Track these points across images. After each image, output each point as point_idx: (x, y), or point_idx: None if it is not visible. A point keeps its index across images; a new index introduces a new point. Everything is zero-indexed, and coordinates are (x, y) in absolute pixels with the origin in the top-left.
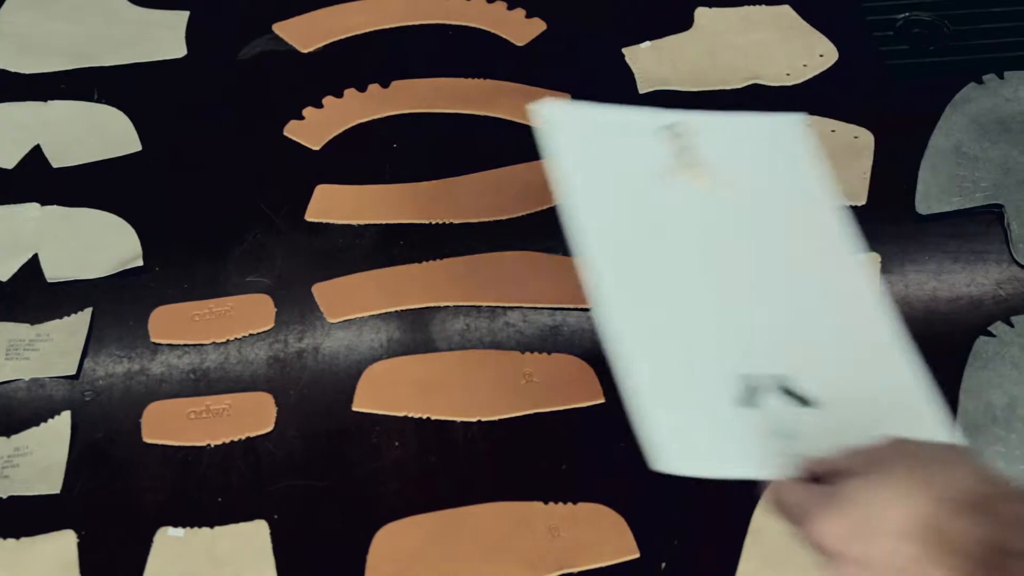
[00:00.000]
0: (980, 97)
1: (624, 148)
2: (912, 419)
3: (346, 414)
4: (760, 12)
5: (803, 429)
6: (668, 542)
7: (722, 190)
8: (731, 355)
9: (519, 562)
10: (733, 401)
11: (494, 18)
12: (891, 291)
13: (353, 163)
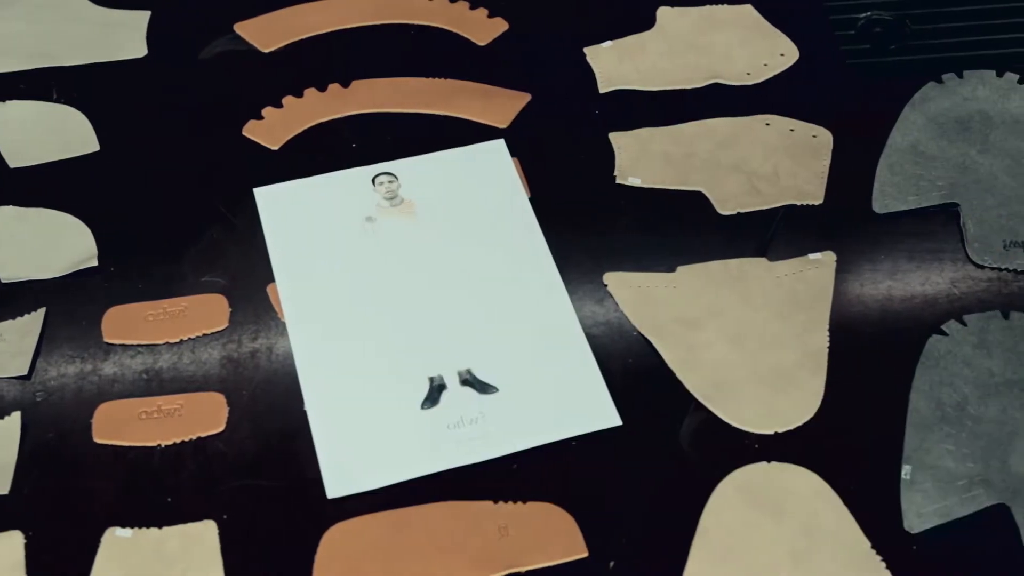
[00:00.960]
0: (939, 96)
1: (336, 205)
2: (582, 403)
3: (298, 414)
4: (722, 12)
5: (486, 413)
6: (617, 541)
7: (428, 219)
8: (420, 361)
9: (467, 561)
10: (420, 403)
11: (456, 18)
12: (846, 290)
13: (312, 163)
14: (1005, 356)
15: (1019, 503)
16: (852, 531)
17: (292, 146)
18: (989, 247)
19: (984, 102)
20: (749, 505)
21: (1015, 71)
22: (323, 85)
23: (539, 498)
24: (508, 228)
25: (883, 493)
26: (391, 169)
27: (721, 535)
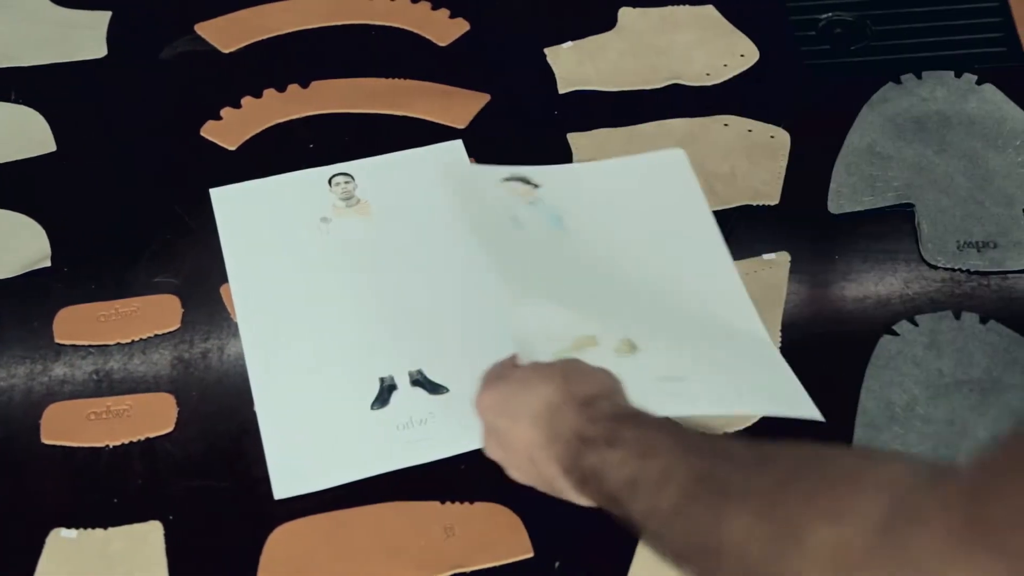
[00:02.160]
0: (897, 97)
1: (292, 205)
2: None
3: (247, 414)
4: (683, 12)
5: (436, 413)
6: (562, 541)
7: (384, 220)
8: (371, 362)
9: (413, 562)
10: (370, 404)
11: (417, 18)
12: (800, 290)
13: (269, 164)
14: (955, 356)
15: None
16: None
17: (250, 147)
18: (943, 247)
19: (942, 103)
20: None
21: (974, 72)
22: (283, 86)
23: (487, 499)
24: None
25: None
26: (347, 170)
27: None
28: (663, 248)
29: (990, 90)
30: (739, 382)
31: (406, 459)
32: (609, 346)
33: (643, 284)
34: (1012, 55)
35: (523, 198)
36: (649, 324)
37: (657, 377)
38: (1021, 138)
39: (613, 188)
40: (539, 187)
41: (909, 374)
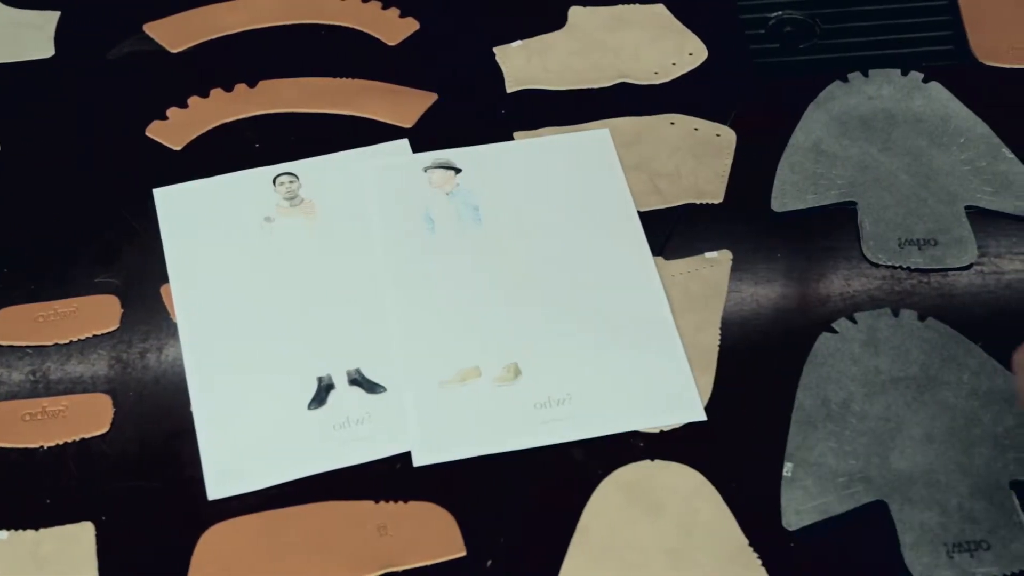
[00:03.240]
0: (844, 95)
1: (235, 205)
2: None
3: (184, 415)
4: (633, 11)
5: (373, 413)
6: (495, 540)
7: (327, 219)
8: (310, 361)
9: (344, 561)
10: (307, 404)
11: (367, 17)
12: (742, 288)
13: (215, 164)
14: (892, 354)
15: (897, 500)
16: (730, 528)
17: (196, 146)
18: (884, 245)
19: (888, 100)
20: (629, 503)
21: (921, 71)
22: (230, 85)
23: (421, 498)
24: (410, 229)
25: (766, 490)
26: (292, 169)
27: (600, 533)
28: (577, 232)
29: (936, 88)
30: (632, 393)
31: (342, 459)
32: (491, 375)
33: (551, 277)
34: (959, 54)
35: (442, 189)
36: (544, 336)
37: (536, 404)
38: (965, 136)
39: (534, 167)
40: (461, 171)
41: (846, 371)
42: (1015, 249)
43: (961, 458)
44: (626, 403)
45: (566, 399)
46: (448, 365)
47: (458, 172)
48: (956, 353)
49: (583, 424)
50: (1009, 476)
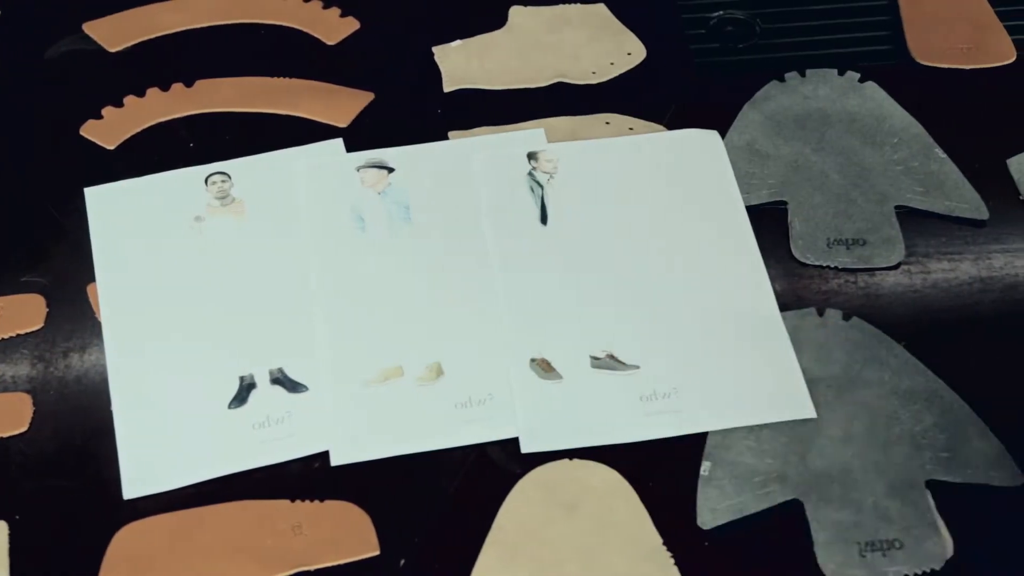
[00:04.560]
0: (780, 95)
1: (166, 204)
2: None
3: (104, 414)
4: (574, 11)
5: (294, 412)
6: (410, 539)
7: (257, 219)
8: (234, 360)
9: (257, 561)
10: (228, 403)
11: (307, 17)
12: None
13: (148, 163)
14: (815, 353)
15: (812, 499)
16: (644, 527)
17: (130, 146)
18: (813, 245)
19: (824, 100)
20: (546, 501)
21: (858, 71)
22: (167, 85)
23: (338, 497)
24: (339, 228)
25: (685, 489)
26: (225, 169)
27: (515, 532)
28: (492, 232)
29: (872, 88)
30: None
31: (260, 458)
32: (414, 374)
33: (477, 275)
34: (898, 54)
35: (373, 188)
36: (467, 335)
37: (457, 403)
38: (899, 136)
39: (465, 166)
40: (394, 171)
41: None
42: (943, 249)
43: (879, 457)
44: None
45: (487, 399)
46: (371, 364)
47: (391, 171)
48: (878, 353)
49: (502, 424)
50: (925, 475)
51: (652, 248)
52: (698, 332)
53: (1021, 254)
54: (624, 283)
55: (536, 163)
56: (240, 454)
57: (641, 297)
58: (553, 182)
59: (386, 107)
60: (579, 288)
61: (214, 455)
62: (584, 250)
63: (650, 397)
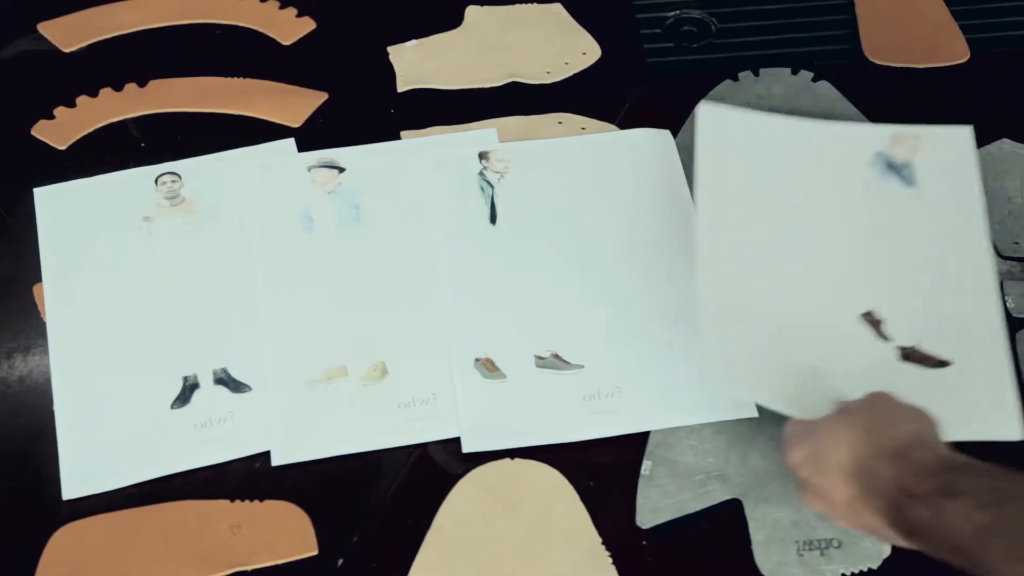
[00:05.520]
0: (733, 94)
1: (115, 204)
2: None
3: (47, 414)
4: (530, 11)
5: (236, 412)
6: (349, 539)
7: (207, 219)
8: (179, 360)
9: (194, 560)
10: (171, 404)
11: (263, 17)
12: None
13: (100, 163)
14: None
15: (752, 498)
16: (583, 526)
17: (81, 146)
18: None
19: (776, 100)
20: (487, 501)
21: (812, 70)
22: (121, 85)
23: (281, 497)
24: (287, 228)
25: (626, 488)
26: (175, 169)
27: (454, 532)
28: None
29: (825, 87)
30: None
31: (201, 459)
32: (358, 375)
33: (426, 276)
34: (854, 53)
35: (324, 188)
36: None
37: (400, 403)
38: None
39: (415, 166)
40: (345, 170)
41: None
42: None
43: None
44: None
45: (431, 398)
46: (316, 364)
47: (342, 171)
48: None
49: (444, 424)
50: None
51: (600, 248)
52: (643, 332)
53: None
54: (571, 283)
55: (487, 163)
56: (181, 454)
57: (588, 297)
58: (504, 182)
59: (340, 107)
60: (526, 288)
61: (155, 455)
62: (532, 250)
63: (593, 396)
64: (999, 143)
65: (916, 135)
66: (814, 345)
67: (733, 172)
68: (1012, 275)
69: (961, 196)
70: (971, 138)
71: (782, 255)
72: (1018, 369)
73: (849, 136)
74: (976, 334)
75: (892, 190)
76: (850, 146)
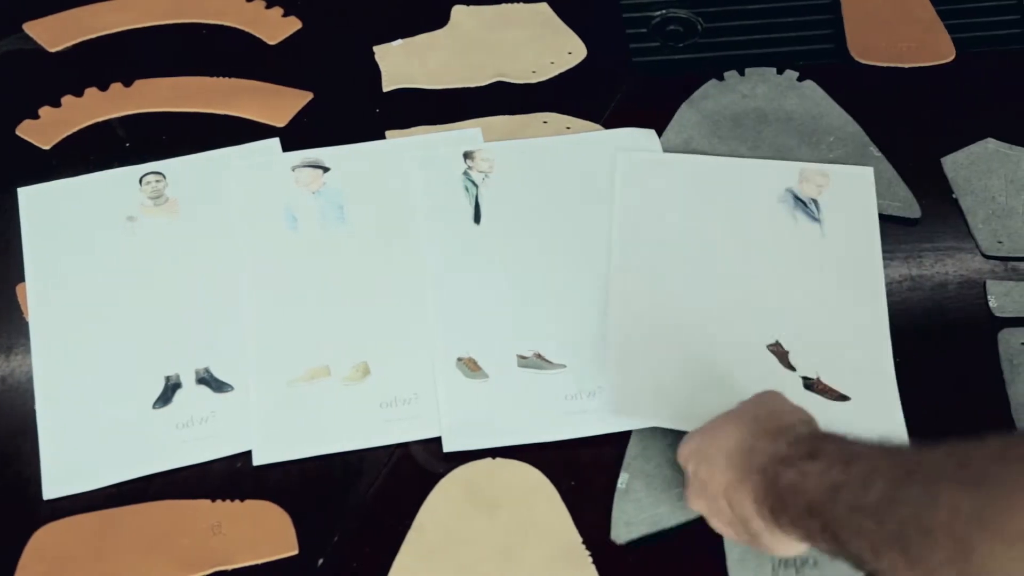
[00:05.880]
0: (718, 94)
1: (99, 204)
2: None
3: (28, 414)
4: (516, 10)
5: (218, 411)
6: (329, 539)
7: (191, 218)
8: (163, 360)
9: (174, 561)
10: (152, 403)
11: (249, 17)
12: None
13: (85, 163)
14: None
15: None
16: (564, 525)
17: (66, 145)
18: None
19: (761, 99)
20: (467, 500)
21: (797, 69)
22: (107, 84)
23: (263, 496)
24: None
25: (607, 487)
26: (160, 169)
27: (434, 531)
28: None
29: (810, 87)
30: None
31: (182, 458)
32: (340, 374)
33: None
34: (839, 53)
35: (308, 188)
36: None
37: (382, 403)
38: (835, 134)
39: (395, 166)
40: (329, 170)
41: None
42: None
43: None
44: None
45: (413, 398)
46: (298, 364)
47: (326, 171)
48: None
49: (426, 424)
50: None
51: (584, 247)
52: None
53: (951, 252)
54: (554, 282)
55: (472, 162)
56: (162, 454)
57: (571, 297)
58: (488, 181)
59: (325, 107)
60: (509, 287)
61: (136, 455)
62: (516, 250)
63: (575, 396)
64: (984, 142)
65: (824, 173)
66: (722, 373)
67: (648, 211)
68: (995, 274)
69: (860, 236)
70: (872, 179)
71: (694, 287)
72: (1000, 371)
73: (761, 172)
74: (868, 372)
75: (799, 226)
76: (761, 182)
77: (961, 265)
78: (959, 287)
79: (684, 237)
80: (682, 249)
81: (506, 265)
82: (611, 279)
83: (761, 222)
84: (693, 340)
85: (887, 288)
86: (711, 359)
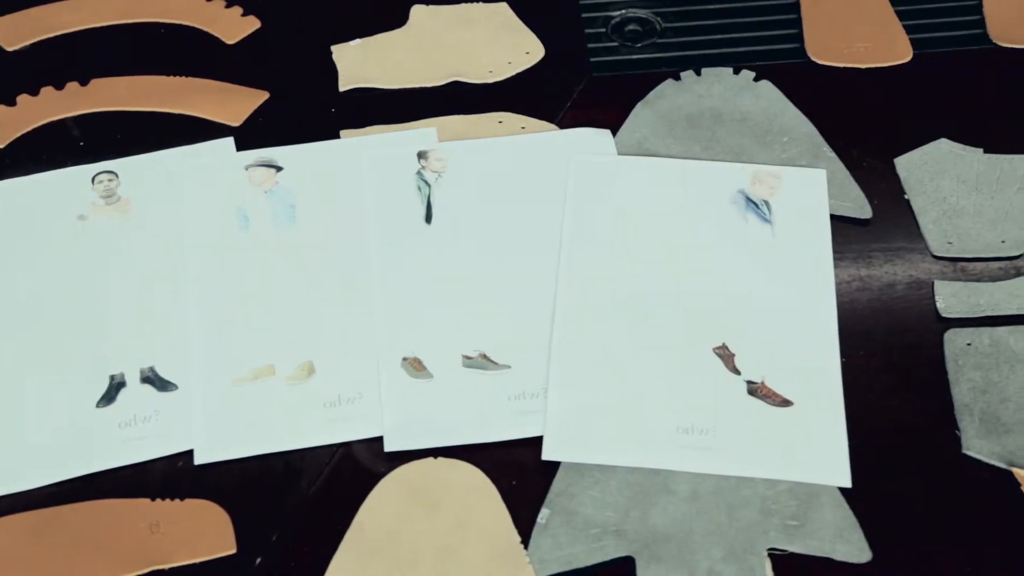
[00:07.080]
0: (674, 94)
1: (50, 203)
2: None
3: None
4: (475, 10)
5: (161, 410)
6: (268, 538)
7: (142, 218)
8: (105, 359)
9: (111, 560)
10: (96, 402)
11: (208, 16)
12: None
13: (38, 162)
14: None
15: (645, 557)
16: (503, 525)
17: (20, 145)
18: None
19: (717, 99)
20: (408, 500)
21: (753, 69)
22: (63, 83)
23: (199, 496)
24: (222, 227)
25: (545, 489)
26: (113, 168)
27: (374, 530)
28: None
29: (766, 87)
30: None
31: (123, 457)
32: (285, 374)
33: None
34: (799, 53)
35: (260, 187)
36: (337, 337)
37: (326, 403)
38: (789, 135)
39: (349, 165)
40: (282, 169)
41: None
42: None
43: (722, 520)
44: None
45: (357, 398)
46: (243, 363)
47: (279, 170)
48: None
49: (369, 423)
50: (768, 543)
51: (533, 248)
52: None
53: (902, 253)
54: (502, 283)
55: (425, 162)
56: (103, 453)
57: (519, 297)
58: (441, 181)
59: (281, 106)
60: (457, 287)
61: (77, 454)
62: (466, 250)
63: (519, 397)
64: (937, 143)
65: (775, 175)
66: (665, 380)
67: (598, 214)
68: (944, 275)
69: (811, 238)
70: (824, 181)
71: (643, 290)
72: (945, 372)
73: (713, 174)
74: (815, 379)
75: (750, 227)
76: (713, 183)
77: (910, 266)
78: (907, 288)
79: (634, 240)
80: (632, 252)
81: (455, 265)
82: (559, 284)
83: (712, 224)
84: (638, 347)
85: (836, 288)
86: (655, 366)
